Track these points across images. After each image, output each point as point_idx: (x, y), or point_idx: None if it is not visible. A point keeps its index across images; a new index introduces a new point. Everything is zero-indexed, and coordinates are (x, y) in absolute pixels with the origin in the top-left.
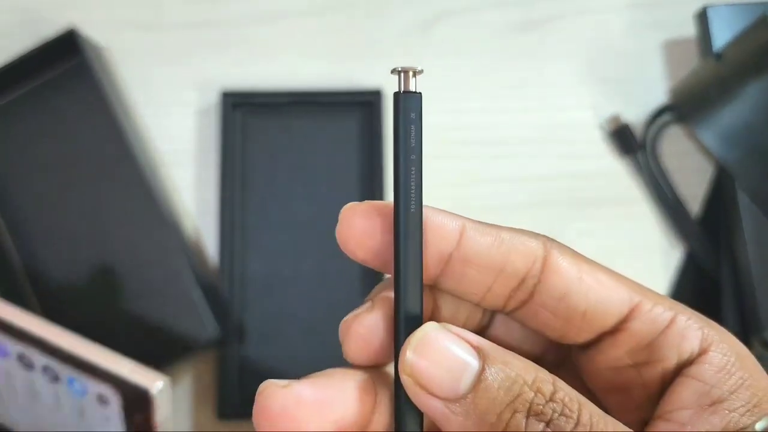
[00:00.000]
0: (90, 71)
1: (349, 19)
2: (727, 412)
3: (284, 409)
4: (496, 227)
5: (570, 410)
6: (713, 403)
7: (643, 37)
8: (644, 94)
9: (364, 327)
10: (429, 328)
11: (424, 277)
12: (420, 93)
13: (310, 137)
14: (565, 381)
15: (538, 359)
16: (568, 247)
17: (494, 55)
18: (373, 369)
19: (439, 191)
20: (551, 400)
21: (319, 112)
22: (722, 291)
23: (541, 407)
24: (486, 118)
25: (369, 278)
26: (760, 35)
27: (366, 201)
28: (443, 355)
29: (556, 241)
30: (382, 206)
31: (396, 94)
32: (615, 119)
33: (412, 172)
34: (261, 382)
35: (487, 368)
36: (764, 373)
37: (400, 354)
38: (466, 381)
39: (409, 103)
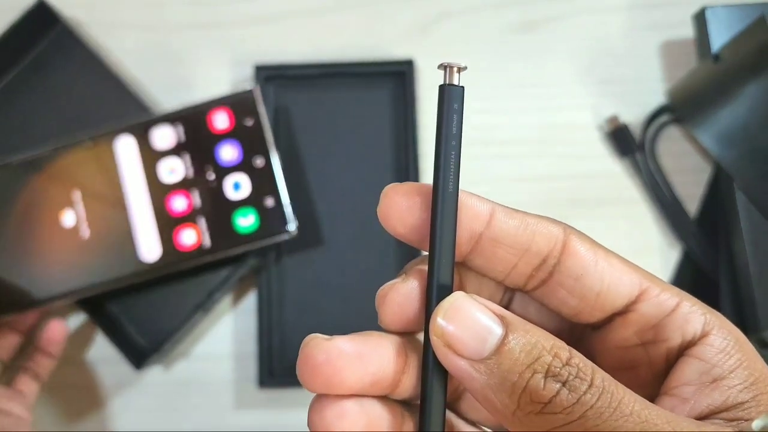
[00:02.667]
0: (72, 35)
1: (348, 20)
2: (726, 388)
3: (327, 360)
4: (522, 212)
5: (584, 374)
6: (714, 381)
7: (642, 38)
8: (643, 94)
9: (400, 295)
10: (459, 296)
11: (456, 253)
12: (462, 86)
13: (342, 108)
14: None
15: None
16: (586, 235)
17: (494, 55)
18: (404, 335)
19: None
20: (567, 364)
21: (351, 83)
22: (720, 290)
23: (559, 369)
24: (485, 118)
25: (403, 246)
26: (757, 36)
27: (407, 182)
28: (471, 321)
29: (575, 228)
30: (421, 187)
31: (441, 87)
32: (613, 120)
33: (452, 156)
34: (298, 353)
35: (510, 334)
36: (759, 356)
37: (432, 318)
38: (490, 344)
39: (453, 95)
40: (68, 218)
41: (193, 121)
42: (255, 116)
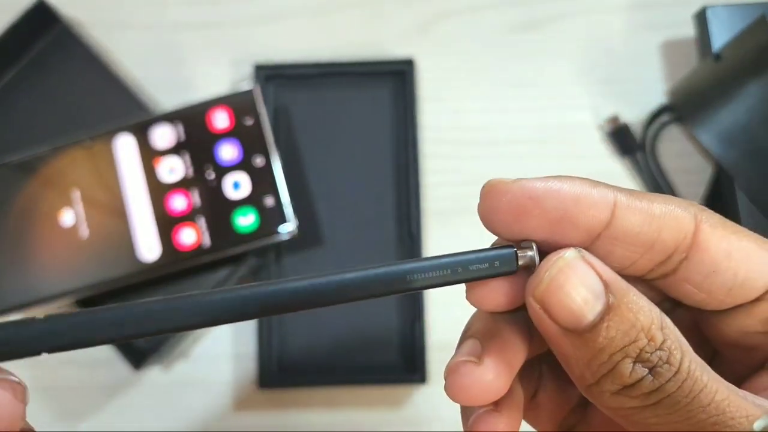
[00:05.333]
0: (72, 34)
1: (348, 20)
2: None
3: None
4: (647, 199)
5: (674, 359)
6: None
7: (642, 38)
8: (643, 94)
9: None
10: (571, 256)
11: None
12: (516, 269)
13: (342, 108)
14: (677, 324)
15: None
16: (719, 217)
17: (494, 55)
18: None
19: (440, 191)
20: (659, 348)
21: (351, 83)
22: None
23: (649, 355)
24: (486, 118)
25: (404, 247)
26: (758, 35)
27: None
28: (575, 291)
29: (706, 211)
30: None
31: (515, 251)
32: (614, 119)
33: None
34: (298, 353)
35: (612, 311)
36: None
37: (534, 276)
38: (588, 318)
39: (504, 260)
40: (67, 218)
41: (192, 121)
42: (255, 116)
